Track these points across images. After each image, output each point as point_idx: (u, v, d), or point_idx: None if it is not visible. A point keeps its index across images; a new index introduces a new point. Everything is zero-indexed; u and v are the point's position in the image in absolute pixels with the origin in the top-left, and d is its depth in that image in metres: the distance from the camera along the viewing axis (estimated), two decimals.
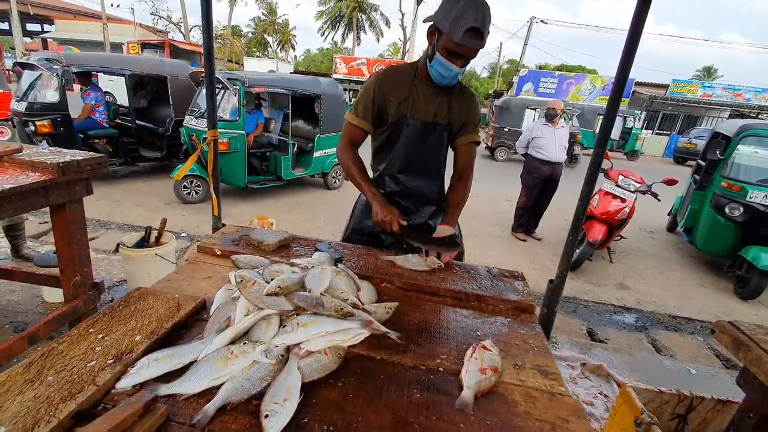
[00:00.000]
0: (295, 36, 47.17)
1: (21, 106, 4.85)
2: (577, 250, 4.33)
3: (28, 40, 21.73)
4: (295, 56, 50.67)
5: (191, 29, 26.74)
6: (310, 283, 1.06)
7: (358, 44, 42.39)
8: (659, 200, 4.44)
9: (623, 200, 4.27)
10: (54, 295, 2.37)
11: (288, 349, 0.89)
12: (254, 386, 0.79)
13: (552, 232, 5.43)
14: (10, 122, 5.99)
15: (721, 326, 1.05)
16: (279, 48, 46.59)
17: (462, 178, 1.61)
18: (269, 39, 45.47)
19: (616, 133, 16.51)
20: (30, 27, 24.19)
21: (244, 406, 0.76)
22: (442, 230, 1.51)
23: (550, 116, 4.83)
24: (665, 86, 20.69)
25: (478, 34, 1.23)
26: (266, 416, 0.72)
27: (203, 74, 4.53)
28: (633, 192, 4.33)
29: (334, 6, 40.66)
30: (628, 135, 16.24)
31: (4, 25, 20.61)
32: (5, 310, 2.31)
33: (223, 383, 0.79)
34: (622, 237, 5.08)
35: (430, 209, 1.67)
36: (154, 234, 2.64)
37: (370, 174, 1.64)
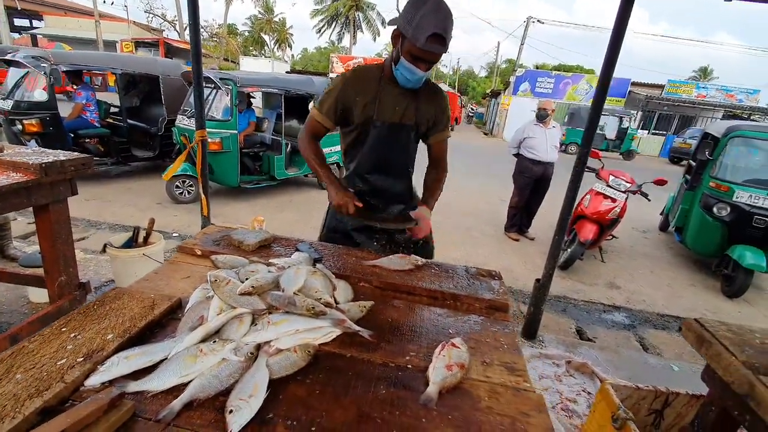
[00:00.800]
0: (292, 35, 47.13)
1: (6, 104, 4.78)
2: (569, 250, 4.37)
3: (16, 35, 21.45)
4: (292, 55, 50.65)
5: (186, 27, 26.64)
6: (284, 283, 1.07)
7: (354, 43, 42.38)
8: (649, 200, 4.49)
9: (614, 200, 4.31)
10: (40, 295, 2.37)
11: (258, 347, 0.90)
12: (222, 383, 0.81)
13: (545, 231, 5.46)
14: None
15: (687, 324, 1.08)
16: (276, 47, 46.51)
17: (437, 171, 1.68)
18: (266, 38, 45.38)
19: (612, 133, 16.65)
20: (18, 22, 23.70)
21: (210, 402, 0.78)
22: (421, 211, 1.56)
23: (541, 116, 4.86)
24: (661, 86, 20.82)
25: (440, 40, 1.25)
26: (231, 412, 0.74)
27: None
28: (623, 192, 4.36)
29: (330, 5, 40.59)
30: (624, 135, 16.38)
31: None
32: None
33: (191, 380, 0.81)
34: (614, 237, 5.12)
35: (398, 207, 1.70)
36: (143, 234, 2.64)
37: (342, 173, 1.73)
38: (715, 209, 4.07)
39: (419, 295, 1.28)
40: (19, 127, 4.63)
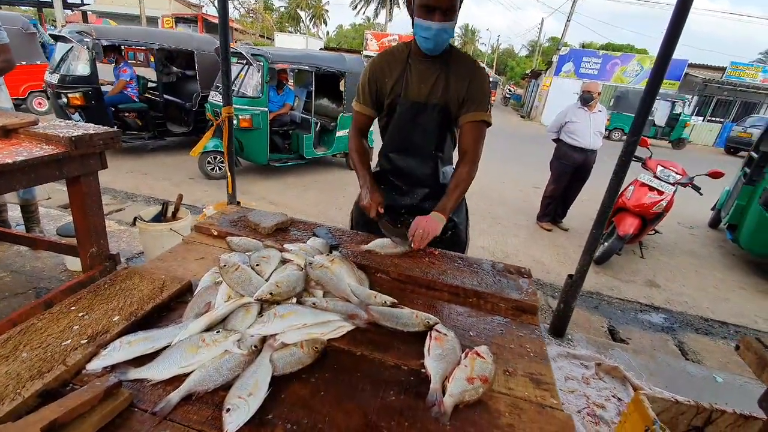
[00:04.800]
0: (327, 11, 46.52)
1: (54, 78, 4.94)
2: (606, 243, 4.12)
3: (69, 12, 22.31)
4: (327, 32, 50.17)
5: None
6: (355, 294, 1.03)
7: (390, 20, 41.31)
8: (701, 194, 4.12)
9: (660, 193, 3.98)
10: (76, 263, 2.47)
11: (263, 340, 0.86)
12: (222, 377, 0.77)
13: (581, 222, 5.18)
14: (45, 93, 6.22)
15: (746, 342, 0.94)
16: (311, 23, 46.14)
17: (463, 162, 1.46)
18: (302, 14, 45.06)
19: (661, 119, 15.48)
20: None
21: (209, 397, 0.74)
22: (434, 217, 1.37)
23: (586, 99, 4.51)
24: (722, 69, 19.02)
25: None
26: (228, 410, 0.69)
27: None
28: (672, 184, 4.02)
29: None
30: (676, 121, 15.18)
31: None
32: (30, 276, 2.44)
33: (192, 371, 0.77)
34: (656, 231, 4.78)
35: (422, 191, 1.60)
36: (171, 209, 2.69)
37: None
38: None
39: (440, 291, 1.20)
40: (65, 100, 4.81)
